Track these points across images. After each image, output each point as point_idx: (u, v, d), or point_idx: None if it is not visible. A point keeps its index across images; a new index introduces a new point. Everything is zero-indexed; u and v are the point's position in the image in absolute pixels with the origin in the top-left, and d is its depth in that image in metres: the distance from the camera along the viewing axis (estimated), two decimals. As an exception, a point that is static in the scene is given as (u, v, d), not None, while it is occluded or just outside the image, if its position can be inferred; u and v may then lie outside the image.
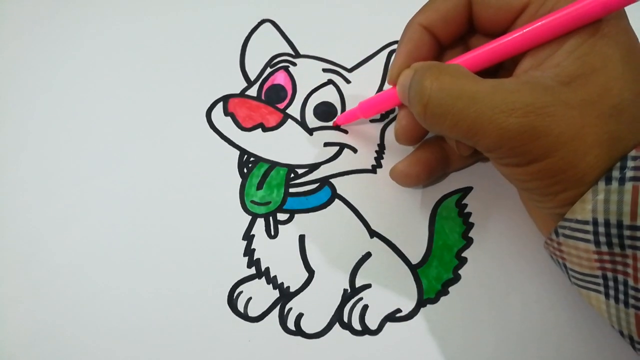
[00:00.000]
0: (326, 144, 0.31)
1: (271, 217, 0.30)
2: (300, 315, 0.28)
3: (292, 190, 0.30)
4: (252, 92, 0.32)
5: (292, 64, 0.32)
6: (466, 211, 0.29)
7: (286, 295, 0.28)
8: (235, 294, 0.28)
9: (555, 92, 0.20)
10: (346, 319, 0.28)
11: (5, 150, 0.31)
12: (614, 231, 0.20)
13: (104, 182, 0.30)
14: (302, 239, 0.29)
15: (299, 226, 0.29)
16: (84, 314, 0.28)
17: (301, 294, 0.28)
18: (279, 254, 0.29)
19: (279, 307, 0.28)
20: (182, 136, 0.31)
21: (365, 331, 0.28)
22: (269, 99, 0.32)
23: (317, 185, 0.30)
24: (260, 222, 0.29)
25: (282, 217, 0.30)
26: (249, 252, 0.29)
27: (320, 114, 0.31)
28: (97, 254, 0.29)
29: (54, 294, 0.28)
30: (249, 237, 0.29)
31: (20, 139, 0.31)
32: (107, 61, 0.33)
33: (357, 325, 0.28)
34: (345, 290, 0.28)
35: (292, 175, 0.30)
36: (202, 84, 0.32)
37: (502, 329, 0.27)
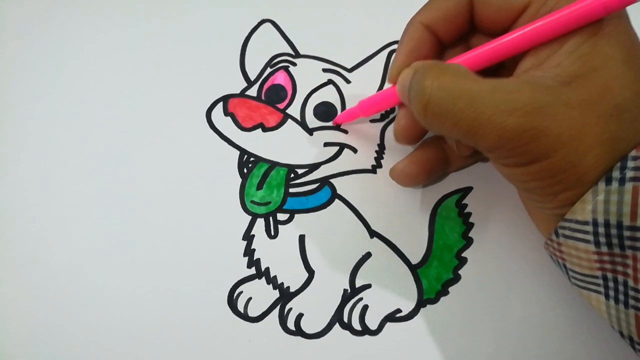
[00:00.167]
0: (326, 144, 0.31)
1: (271, 217, 0.30)
2: (300, 315, 0.28)
3: (292, 190, 0.30)
4: (252, 92, 0.32)
5: (292, 64, 0.32)
6: (466, 211, 0.29)
7: (286, 295, 0.28)
8: (235, 294, 0.28)
9: (555, 92, 0.20)
10: (346, 319, 0.28)
11: (5, 150, 0.31)
12: (613, 232, 0.20)
13: (104, 182, 0.30)
14: (302, 239, 0.29)
15: (299, 226, 0.29)
16: (84, 314, 0.28)
17: (301, 294, 0.28)
18: (279, 254, 0.29)
19: (279, 307, 0.28)
20: (182, 136, 0.31)
21: (365, 331, 0.28)
22: (269, 99, 0.32)
23: (317, 185, 0.30)
24: (260, 222, 0.29)
25: (282, 217, 0.30)
26: (249, 252, 0.29)
27: (320, 114, 0.31)
28: (97, 253, 0.29)
29: (54, 294, 0.28)
30: (249, 237, 0.29)
31: (20, 139, 0.31)
32: (107, 61, 0.33)
33: (357, 325, 0.28)
34: (345, 290, 0.28)
35: (292, 175, 0.30)
36: (202, 84, 0.32)
37: (502, 329, 0.27)
